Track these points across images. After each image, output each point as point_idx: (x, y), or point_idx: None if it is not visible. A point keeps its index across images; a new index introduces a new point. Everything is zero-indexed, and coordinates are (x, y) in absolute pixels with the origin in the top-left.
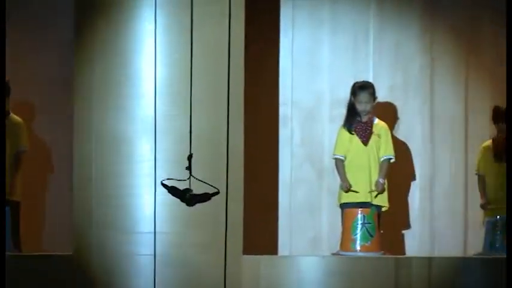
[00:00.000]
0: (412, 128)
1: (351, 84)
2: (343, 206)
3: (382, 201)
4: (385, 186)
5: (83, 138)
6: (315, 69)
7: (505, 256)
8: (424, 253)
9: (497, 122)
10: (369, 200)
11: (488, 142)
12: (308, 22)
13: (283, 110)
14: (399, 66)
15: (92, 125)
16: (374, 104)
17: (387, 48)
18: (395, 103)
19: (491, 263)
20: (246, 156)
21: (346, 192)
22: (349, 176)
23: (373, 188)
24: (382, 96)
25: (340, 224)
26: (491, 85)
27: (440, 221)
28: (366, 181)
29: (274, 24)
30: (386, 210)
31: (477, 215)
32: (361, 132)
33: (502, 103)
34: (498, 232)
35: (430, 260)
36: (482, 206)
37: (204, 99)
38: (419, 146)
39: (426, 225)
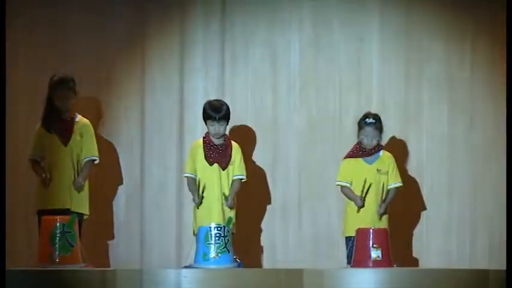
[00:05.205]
0: (119, 128)
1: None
2: (40, 213)
3: (83, 208)
4: (85, 189)
5: None
6: None
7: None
8: (134, 265)
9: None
10: (68, 206)
11: (199, 141)
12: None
13: None
14: (106, 58)
15: None
16: (75, 99)
17: (89, 41)
18: (100, 99)
19: (204, 274)
20: None
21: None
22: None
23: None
24: (86, 91)
25: (37, 233)
26: (204, 81)
27: (150, 229)
28: (69, 184)
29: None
30: (88, 218)
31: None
32: (61, 131)
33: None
34: (212, 242)
35: (139, 272)
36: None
37: None
38: (128, 147)
39: (134, 234)
